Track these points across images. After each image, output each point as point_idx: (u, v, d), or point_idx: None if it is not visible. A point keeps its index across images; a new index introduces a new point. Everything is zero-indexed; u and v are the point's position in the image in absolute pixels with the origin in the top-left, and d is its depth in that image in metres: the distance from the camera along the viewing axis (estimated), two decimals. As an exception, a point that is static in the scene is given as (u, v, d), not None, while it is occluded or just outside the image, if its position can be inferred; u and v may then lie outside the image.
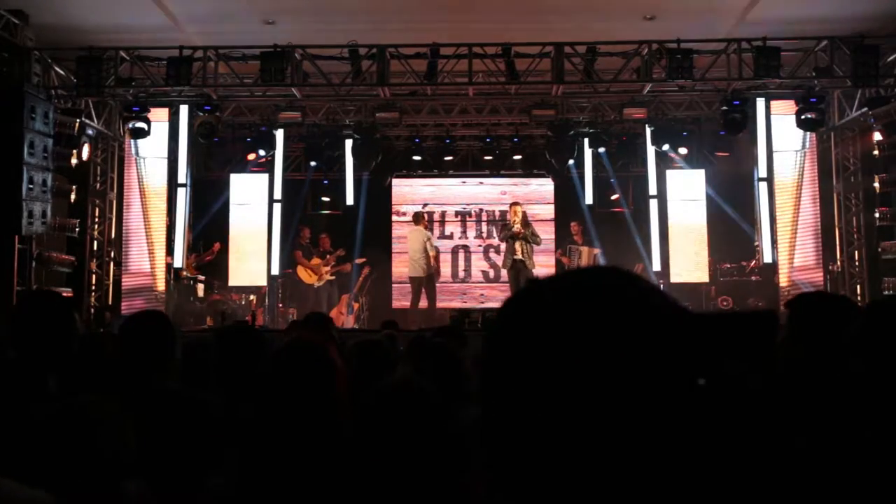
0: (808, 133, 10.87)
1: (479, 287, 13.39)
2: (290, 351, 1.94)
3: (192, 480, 1.82)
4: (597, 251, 12.24)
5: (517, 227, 10.77)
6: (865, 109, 10.25)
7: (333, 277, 12.25)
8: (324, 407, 1.84)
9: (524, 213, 11.15)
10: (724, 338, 0.71)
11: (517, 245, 10.77)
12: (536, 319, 0.71)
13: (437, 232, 13.45)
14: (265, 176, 12.29)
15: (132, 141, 11.10)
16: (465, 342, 4.28)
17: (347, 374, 2.01)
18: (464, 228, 13.61)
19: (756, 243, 11.56)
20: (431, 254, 11.56)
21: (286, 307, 12.44)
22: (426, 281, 11.53)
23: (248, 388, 2.42)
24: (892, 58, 9.72)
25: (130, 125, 10.64)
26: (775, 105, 10.89)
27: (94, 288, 11.71)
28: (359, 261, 12.48)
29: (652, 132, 11.75)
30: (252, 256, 12.06)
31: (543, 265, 12.93)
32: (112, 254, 11.91)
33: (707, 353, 0.70)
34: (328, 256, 12.24)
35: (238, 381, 2.52)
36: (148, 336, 2.60)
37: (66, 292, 10.46)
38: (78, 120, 10.30)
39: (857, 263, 11.64)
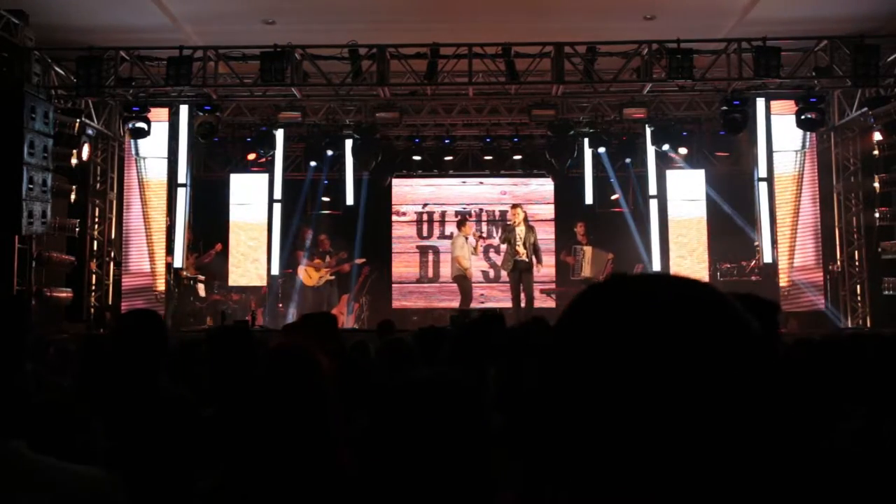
0: (808, 133, 10.87)
1: (479, 287, 13.37)
2: (273, 357, 1.91)
3: (180, 478, 1.81)
4: (611, 256, 12.12)
5: (519, 230, 10.78)
6: (865, 109, 10.25)
7: (333, 277, 12.24)
8: (310, 411, 1.81)
9: (526, 215, 11.18)
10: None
11: (519, 246, 10.75)
12: (622, 325, 0.71)
13: (436, 232, 13.46)
14: (265, 176, 12.30)
15: (132, 141, 11.11)
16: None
17: (337, 378, 1.97)
18: (464, 228, 13.59)
19: (756, 243, 11.55)
20: (456, 255, 11.58)
21: (286, 307, 12.44)
22: (466, 278, 11.56)
23: (239, 388, 2.42)
24: (892, 58, 9.71)
25: (130, 125, 10.64)
26: (775, 105, 10.89)
27: (94, 288, 11.70)
28: (359, 261, 12.47)
29: (652, 132, 11.75)
30: (252, 256, 12.07)
31: (543, 265, 12.93)
32: (112, 254, 11.91)
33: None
34: (328, 258, 12.23)
35: (229, 380, 2.53)
36: (140, 336, 2.59)
37: (66, 292, 10.48)
38: (78, 120, 10.30)
39: (857, 263, 11.63)
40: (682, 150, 11.89)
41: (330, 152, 12.39)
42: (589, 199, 12.76)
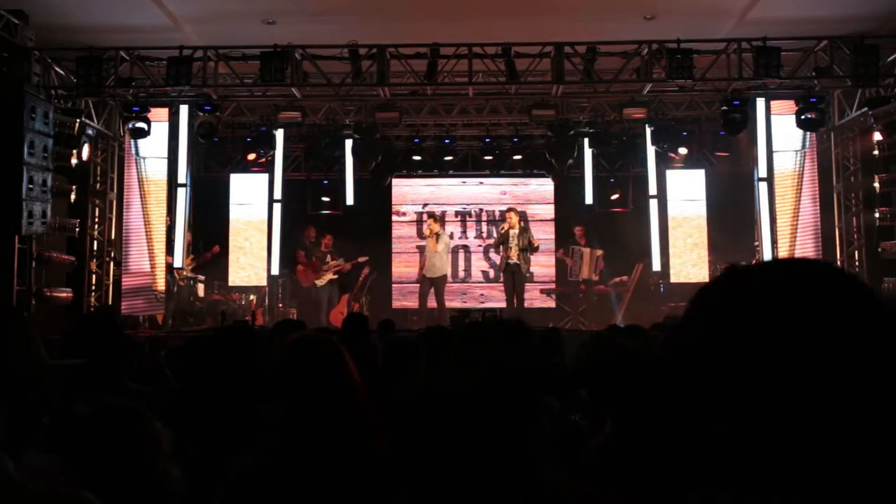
0: (808, 133, 10.86)
1: (479, 287, 13.38)
2: (299, 345, 1.91)
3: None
4: (599, 253, 12.23)
5: (512, 233, 10.95)
6: (865, 109, 10.24)
7: (336, 276, 12.24)
8: (338, 402, 1.80)
9: (520, 218, 11.33)
10: None
11: (511, 250, 10.88)
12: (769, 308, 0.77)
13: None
14: (265, 176, 12.29)
15: (132, 141, 11.11)
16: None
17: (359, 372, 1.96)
18: (464, 228, 13.60)
19: (756, 243, 11.55)
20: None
21: (286, 307, 12.44)
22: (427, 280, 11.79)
23: (249, 386, 2.42)
24: (892, 58, 9.71)
25: (130, 125, 10.64)
26: (775, 105, 10.89)
27: (94, 288, 11.69)
28: (361, 259, 12.46)
29: (652, 132, 11.75)
30: (252, 256, 12.07)
31: (543, 265, 12.96)
32: (112, 254, 11.90)
33: None
34: (329, 258, 12.21)
35: (237, 381, 2.53)
36: (95, 340, 2.58)
37: (66, 292, 10.47)
38: (78, 120, 10.29)
39: (857, 263, 11.62)
40: (682, 150, 11.89)
41: (330, 152, 12.39)
42: (589, 199, 12.77)
